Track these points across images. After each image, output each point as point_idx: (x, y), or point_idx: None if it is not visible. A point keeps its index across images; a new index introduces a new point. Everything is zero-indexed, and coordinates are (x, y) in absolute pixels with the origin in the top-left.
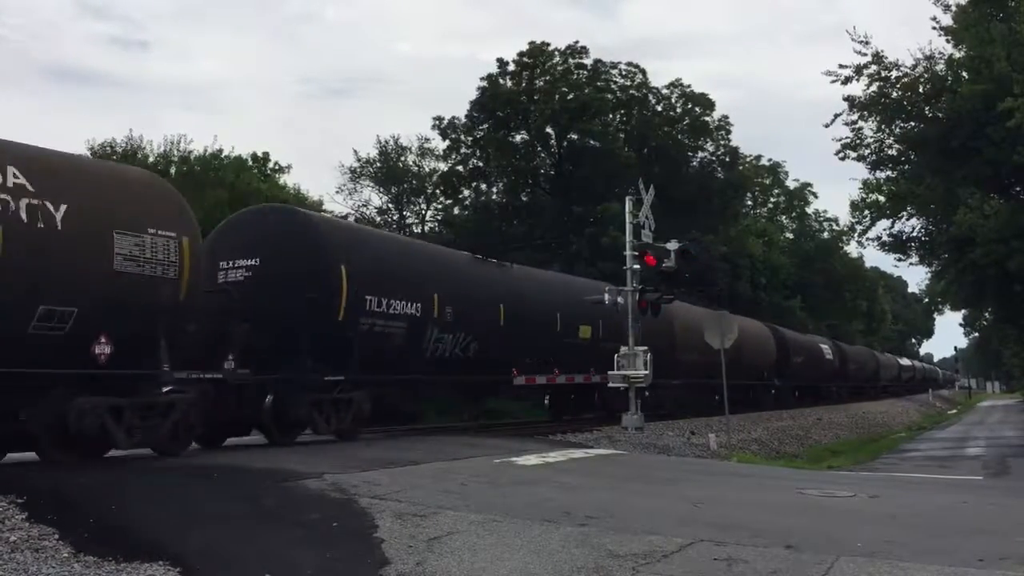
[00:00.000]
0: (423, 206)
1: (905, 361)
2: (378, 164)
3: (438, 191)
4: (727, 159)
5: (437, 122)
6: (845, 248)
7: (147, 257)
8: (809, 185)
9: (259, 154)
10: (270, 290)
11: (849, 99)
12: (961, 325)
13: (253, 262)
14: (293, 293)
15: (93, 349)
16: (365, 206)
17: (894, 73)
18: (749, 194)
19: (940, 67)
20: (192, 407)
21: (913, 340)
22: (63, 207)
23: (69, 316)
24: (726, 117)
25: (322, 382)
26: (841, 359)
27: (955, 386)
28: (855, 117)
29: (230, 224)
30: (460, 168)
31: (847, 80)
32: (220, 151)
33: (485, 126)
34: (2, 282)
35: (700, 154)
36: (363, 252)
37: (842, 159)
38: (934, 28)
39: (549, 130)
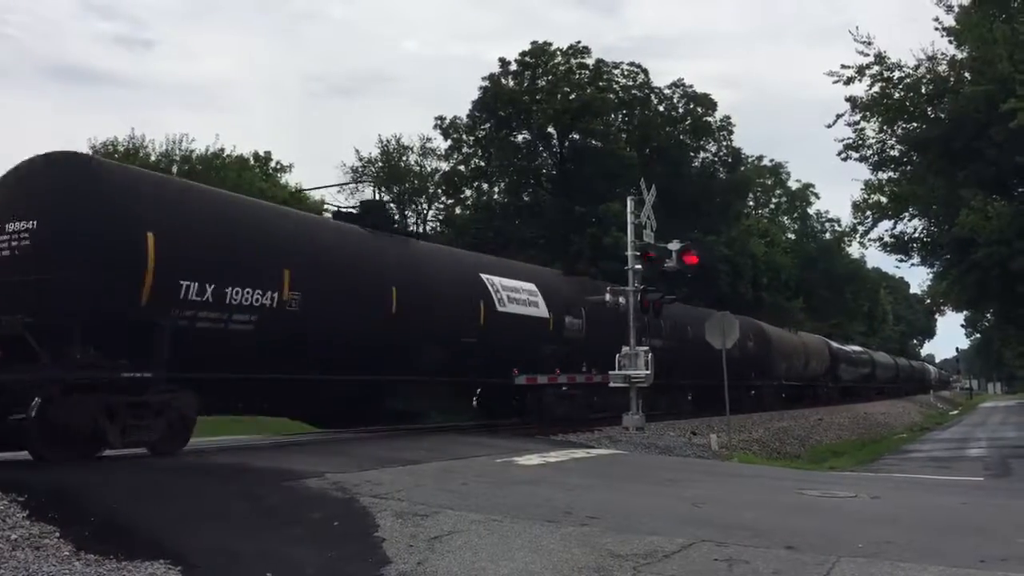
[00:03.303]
0: (425, 206)
1: (853, 348)
2: (380, 163)
3: (440, 191)
4: (729, 159)
5: (439, 121)
6: (847, 249)
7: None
8: (811, 186)
9: (261, 153)
10: None
11: (851, 100)
12: (963, 326)
13: None
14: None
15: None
16: None
17: (896, 74)
18: (751, 194)
19: (942, 68)
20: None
21: (915, 341)
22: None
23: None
24: (728, 118)
25: None
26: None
27: (957, 387)
28: (857, 118)
29: None
30: (462, 168)
31: (849, 81)
32: (222, 150)
33: (487, 126)
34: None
35: (702, 154)
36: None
37: (844, 160)
38: (936, 29)
39: (551, 130)
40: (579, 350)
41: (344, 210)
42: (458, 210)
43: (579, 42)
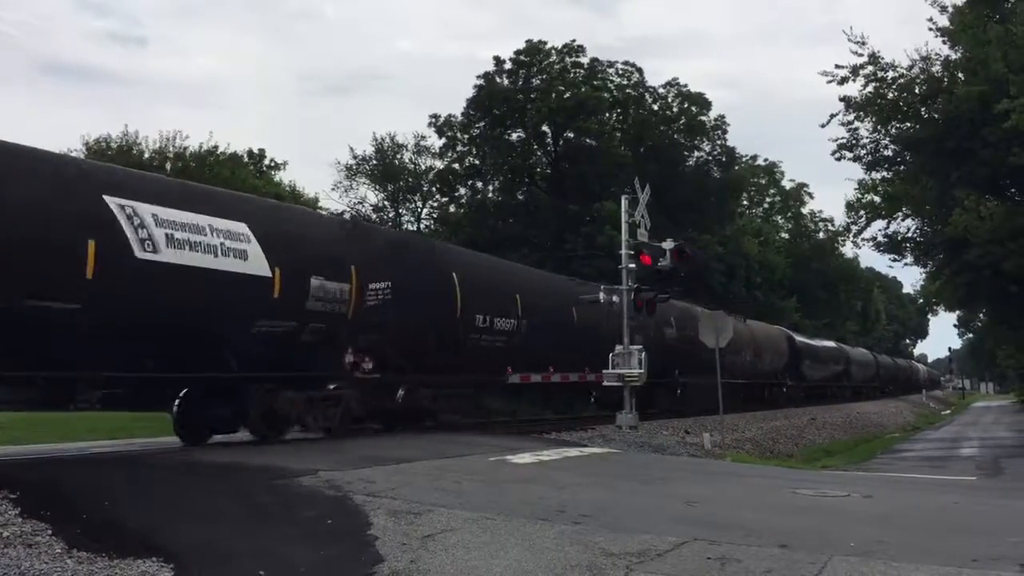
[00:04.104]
0: (419, 204)
1: (823, 343)
2: (374, 161)
3: (434, 189)
4: (723, 159)
5: (434, 120)
6: (840, 248)
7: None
8: (805, 185)
9: (255, 151)
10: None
11: (845, 99)
12: (956, 326)
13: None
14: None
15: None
16: (361, 203)
17: (890, 74)
18: (745, 194)
19: (936, 68)
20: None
21: (907, 341)
22: None
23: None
24: (723, 117)
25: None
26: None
27: (949, 387)
28: (851, 118)
29: None
30: (456, 166)
31: (843, 81)
32: (216, 147)
33: (482, 124)
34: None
35: (696, 154)
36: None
37: (838, 159)
38: (931, 29)
39: (545, 128)
40: (346, 333)
41: None
42: (452, 208)
43: (574, 40)
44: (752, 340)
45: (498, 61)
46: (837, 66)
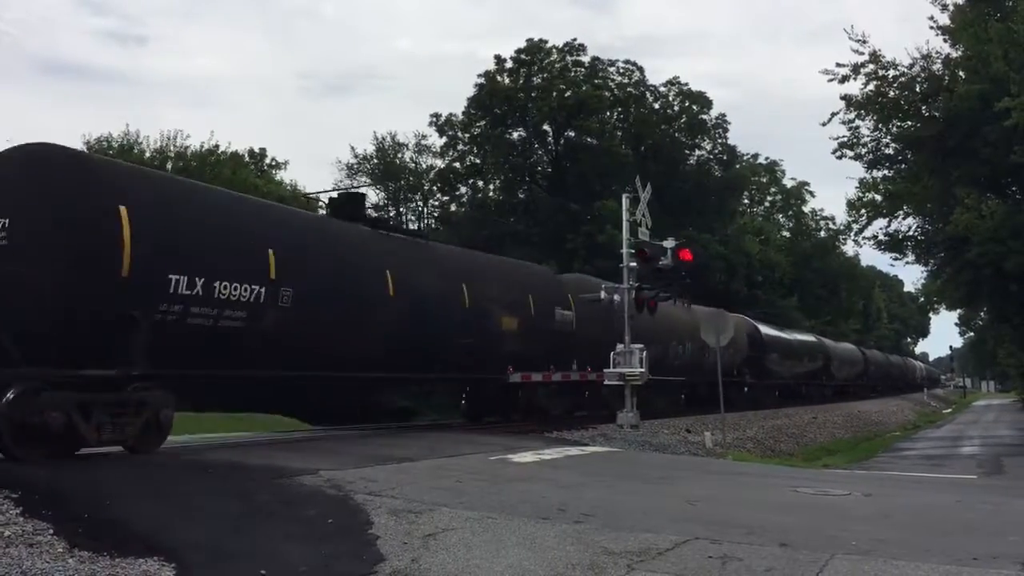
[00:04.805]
0: (420, 203)
1: (796, 336)
2: (375, 161)
3: (435, 188)
4: (724, 157)
5: (434, 119)
6: (841, 247)
7: None
8: (806, 184)
9: (256, 150)
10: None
11: (846, 98)
12: (957, 325)
13: None
14: None
15: None
16: None
17: (891, 72)
18: (746, 192)
19: (937, 67)
20: None
21: (908, 339)
22: None
23: None
24: (723, 115)
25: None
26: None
27: (950, 385)
28: (852, 116)
29: None
30: (457, 165)
31: (844, 79)
32: (217, 147)
33: (482, 123)
34: None
35: (697, 152)
36: None
37: (839, 158)
38: (932, 27)
39: (546, 127)
40: None
41: None
42: (453, 207)
43: (575, 40)
44: (693, 329)
45: (499, 60)
46: (838, 64)
